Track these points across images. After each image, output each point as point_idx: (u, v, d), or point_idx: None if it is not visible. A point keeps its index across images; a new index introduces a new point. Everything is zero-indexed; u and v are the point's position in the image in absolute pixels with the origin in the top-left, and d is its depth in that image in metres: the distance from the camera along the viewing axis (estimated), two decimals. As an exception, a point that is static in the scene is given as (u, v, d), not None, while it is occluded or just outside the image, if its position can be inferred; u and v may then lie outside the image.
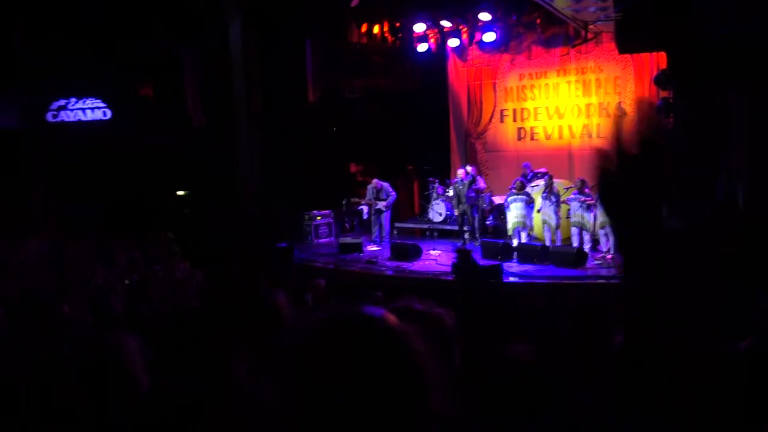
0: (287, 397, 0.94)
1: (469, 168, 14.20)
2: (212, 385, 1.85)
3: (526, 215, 12.64)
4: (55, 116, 15.20)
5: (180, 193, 15.96)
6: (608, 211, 1.44)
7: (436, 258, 12.78)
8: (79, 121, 15.16)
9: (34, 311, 5.54)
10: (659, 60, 12.59)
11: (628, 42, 11.19)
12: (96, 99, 15.09)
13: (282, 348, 0.99)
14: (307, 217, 14.77)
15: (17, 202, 15.17)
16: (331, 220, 15.09)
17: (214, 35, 14.49)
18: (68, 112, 15.18)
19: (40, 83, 14.95)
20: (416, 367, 0.96)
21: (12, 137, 15.25)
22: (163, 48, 14.40)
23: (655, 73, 12.67)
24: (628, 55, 13.59)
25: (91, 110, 15.13)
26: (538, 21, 15.14)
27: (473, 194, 13.44)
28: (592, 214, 12.01)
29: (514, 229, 12.82)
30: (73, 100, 15.12)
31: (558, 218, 12.43)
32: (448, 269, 11.50)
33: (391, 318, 1.01)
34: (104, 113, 15.14)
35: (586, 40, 14.41)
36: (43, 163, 15.87)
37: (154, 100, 14.94)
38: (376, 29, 16.79)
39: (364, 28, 16.72)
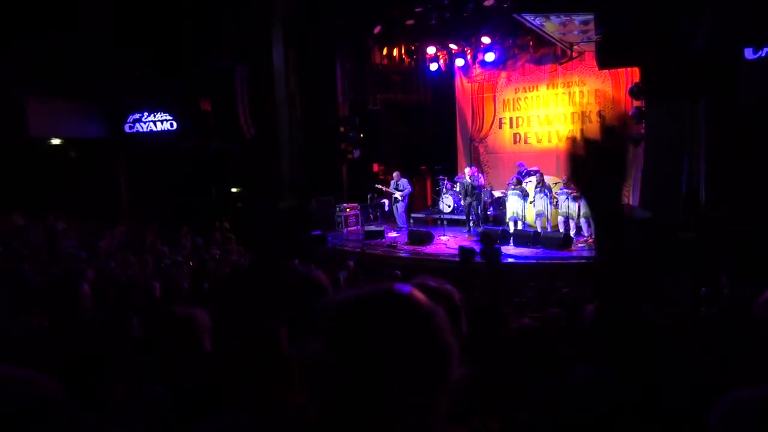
0: (328, 359, 0.92)
1: (473, 168, 14.27)
2: (263, 345, 1.87)
3: (521, 206, 12.66)
4: (131, 127, 15.37)
5: (234, 190, 16.09)
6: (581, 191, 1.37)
7: (446, 243, 12.80)
8: (151, 131, 15.31)
9: (116, 287, 5.64)
10: (633, 74, 12.47)
11: (607, 59, 11.11)
12: (165, 113, 15.23)
13: (323, 319, 0.96)
14: (338, 209, 14.86)
15: (104, 197, 15.41)
16: (358, 212, 15.15)
17: (261, 56, 14.56)
18: (142, 124, 15.33)
19: (119, 100, 15.13)
20: (440, 337, 0.94)
21: (99, 144, 15.49)
22: (219, 68, 14.48)
23: (629, 85, 12.57)
24: (606, 70, 13.47)
25: (161, 122, 15.27)
26: (531, 43, 15.07)
27: (477, 189, 13.55)
28: (577, 205, 11.98)
29: (511, 218, 12.84)
30: (146, 113, 15.28)
31: (551, 207, 12.44)
32: (456, 252, 11.52)
33: (420, 294, 0.99)
34: (171, 125, 15.28)
35: (571, 58, 14.32)
36: (123, 166, 16.10)
37: (213, 113, 15.02)
38: (395, 52, 16.79)
39: (385, 50, 16.72)
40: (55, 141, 15.24)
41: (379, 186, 15.06)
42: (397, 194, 14.24)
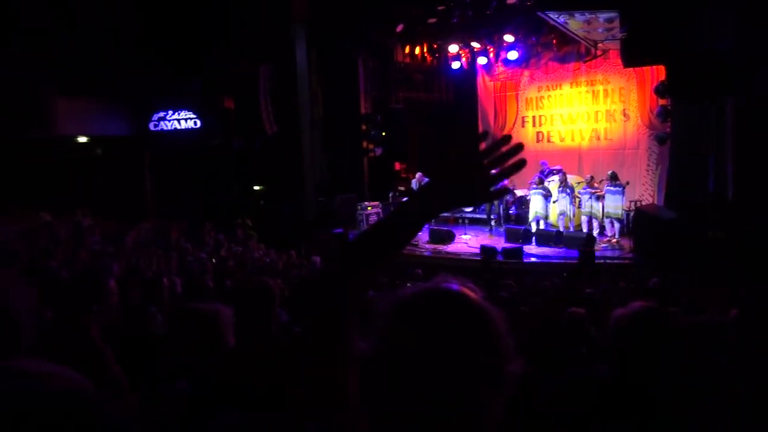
0: (383, 357, 0.92)
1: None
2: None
3: (544, 206, 12.55)
4: (156, 126, 15.54)
5: (256, 187, 16.19)
6: None
7: (467, 242, 12.75)
8: (175, 129, 15.45)
9: (141, 283, 5.69)
10: (659, 72, 12.31)
11: (632, 57, 10.98)
12: (188, 111, 15.37)
13: (380, 316, 0.95)
14: (359, 207, 14.88)
15: (129, 194, 15.62)
16: (380, 210, 15.15)
17: (283, 55, 14.62)
18: (166, 122, 15.49)
19: (145, 99, 15.30)
20: (496, 336, 0.93)
21: (124, 142, 15.69)
22: (242, 67, 14.57)
23: (655, 84, 12.40)
24: (631, 69, 13.31)
25: (185, 120, 15.41)
26: (555, 41, 14.94)
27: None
28: (600, 204, 11.86)
29: (534, 217, 12.74)
30: (170, 112, 15.43)
31: (573, 208, 12.31)
32: (477, 251, 11.50)
33: (472, 293, 0.98)
34: (195, 123, 15.41)
35: (595, 57, 14.16)
36: (148, 163, 16.29)
37: (235, 111, 15.13)
38: (417, 50, 16.76)
39: (407, 49, 16.70)
40: (82, 139, 15.46)
41: (402, 188, 15.10)
42: None
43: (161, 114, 15.51)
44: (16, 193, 13.18)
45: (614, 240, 11.72)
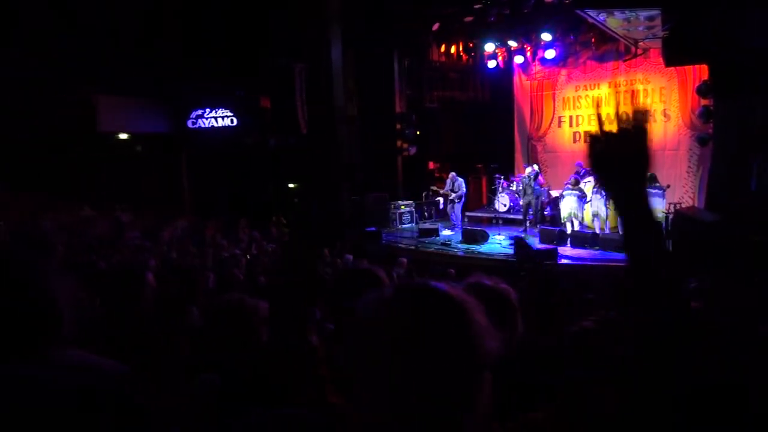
0: (361, 356, 0.96)
1: (535, 166, 14.06)
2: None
3: (577, 207, 12.38)
4: (194, 123, 15.81)
5: (291, 185, 16.34)
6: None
7: (500, 242, 12.65)
8: (212, 127, 15.71)
9: (177, 277, 5.80)
10: (701, 72, 12.01)
11: (674, 56, 10.74)
12: (225, 109, 15.61)
13: (361, 310, 0.99)
14: (392, 206, 14.89)
15: (167, 190, 15.93)
16: (413, 209, 15.15)
17: (319, 54, 14.72)
18: (204, 120, 15.76)
19: (183, 97, 15.60)
20: (471, 327, 0.95)
21: (163, 140, 16.02)
22: (278, 65, 14.73)
23: (696, 83, 12.10)
24: (672, 68, 13.01)
25: (222, 118, 15.65)
26: (593, 39, 14.70)
27: (537, 187, 13.37)
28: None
29: (566, 218, 12.58)
30: (207, 110, 15.69)
31: (608, 209, 12.09)
32: (511, 251, 11.39)
33: (452, 288, 1.00)
34: (232, 121, 15.64)
35: (635, 56, 13.89)
36: (185, 160, 16.60)
37: (271, 109, 15.30)
38: (453, 49, 16.68)
39: (442, 48, 16.63)
40: (122, 136, 15.84)
41: (435, 188, 15.08)
42: (453, 195, 14.16)
43: (199, 112, 15.78)
44: (59, 187, 13.58)
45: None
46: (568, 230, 12.39)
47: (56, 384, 0.87)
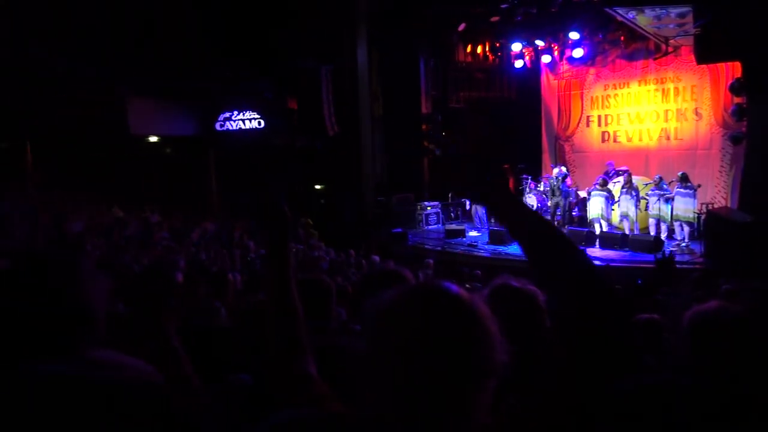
0: (372, 354, 0.96)
1: (563, 168, 13.91)
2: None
3: (605, 208, 12.21)
4: (222, 126, 15.98)
5: (317, 186, 16.42)
6: None
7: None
8: (240, 129, 15.86)
9: (206, 278, 5.86)
10: (734, 69, 11.75)
11: (706, 54, 10.54)
12: (253, 111, 15.74)
13: (375, 309, 0.99)
14: (419, 207, 14.87)
15: (195, 191, 16.15)
16: (439, 210, 15.11)
17: (345, 55, 14.77)
18: (232, 122, 15.92)
19: (212, 100, 15.79)
20: (480, 334, 0.95)
21: (192, 142, 16.24)
22: (305, 67, 14.82)
23: (729, 81, 11.85)
24: (704, 66, 12.75)
25: (249, 120, 15.79)
26: (622, 38, 14.47)
27: (565, 188, 13.23)
28: (669, 207, 11.43)
29: (594, 219, 12.43)
30: (235, 112, 15.85)
31: (637, 210, 11.90)
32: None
33: (467, 293, 1.00)
34: (259, 123, 15.77)
35: (666, 53, 13.65)
36: (214, 162, 16.80)
37: (298, 111, 15.40)
38: (479, 49, 16.59)
39: (468, 48, 16.56)
40: (153, 139, 16.09)
41: (457, 195, 15.07)
42: None
43: (227, 114, 15.95)
44: (91, 188, 13.85)
45: (684, 244, 11.28)
46: (597, 231, 12.23)
47: (94, 382, 0.89)
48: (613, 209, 12.23)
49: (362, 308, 1.03)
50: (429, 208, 14.96)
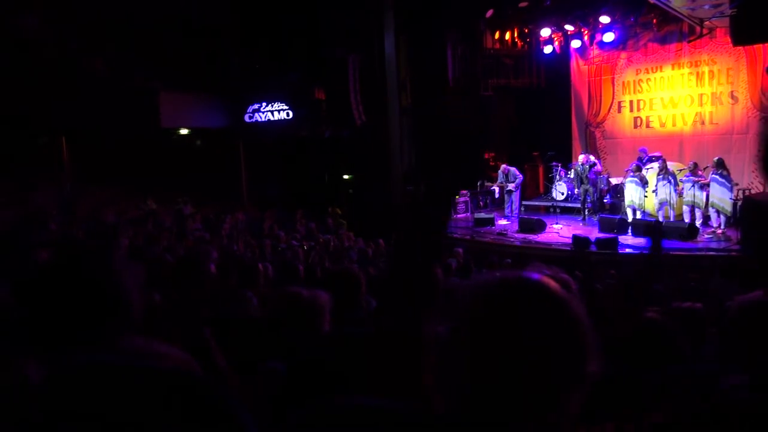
0: (461, 343, 0.90)
1: (591, 156, 13.70)
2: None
3: (639, 194, 11.98)
4: (250, 117, 16.09)
5: (346, 176, 16.45)
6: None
7: (558, 231, 12.39)
8: (269, 120, 15.94)
9: (237, 268, 5.93)
10: (773, 51, 11.41)
11: (742, 35, 10.23)
12: (281, 103, 15.80)
13: (459, 301, 0.94)
14: (447, 195, 14.79)
15: (226, 182, 16.33)
16: (468, 199, 15.01)
17: (373, 44, 14.72)
18: (260, 114, 16.01)
19: (240, 92, 15.90)
20: (577, 330, 0.90)
21: (221, 134, 16.40)
22: (333, 57, 14.82)
23: (767, 63, 11.50)
24: (740, 47, 12.38)
25: (278, 112, 15.86)
26: (655, 21, 14.14)
27: (593, 176, 13.01)
28: (704, 193, 11.16)
29: (629, 206, 12.21)
30: (264, 104, 15.93)
31: (676, 196, 11.62)
32: (569, 241, 11.16)
33: (552, 283, 0.94)
34: (287, 114, 15.83)
35: (700, 36, 13.30)
36: (243, 154, 16.96)
37: (326, 101, 15.41)
38: (507, 35, 16.36)
39: (497, 35, 16.35)
40: (183, 131, 16.30)
41: (488, 183, 14.95)
42: (510, 185, 13.95)
43: (256, 106, 16.05)
44: (125, 181, 14.11)
45: (720, 231, 11.02)
46: (629, 218, 12.02)
47: (126, 372, 0.90)
48: (646, 196, 12.00)
49: (448, 296, 0.98)
50: (458, 196, 14.89)
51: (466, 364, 0.89)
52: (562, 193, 14.47)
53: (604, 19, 14.28)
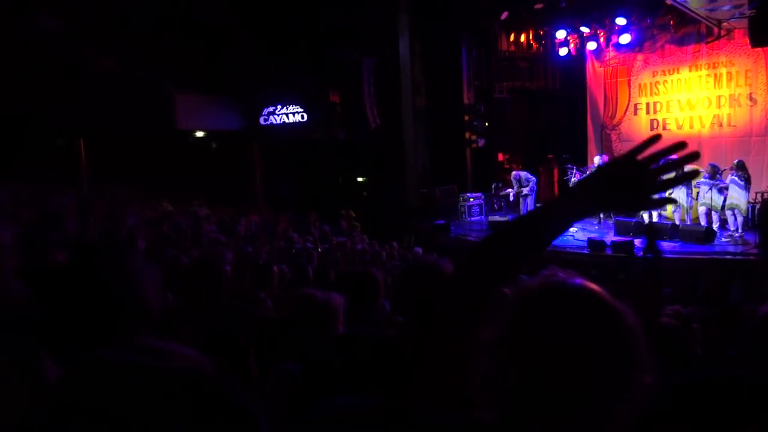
0: (506, 349, 0.88)
1: (606, 158, 13.61)
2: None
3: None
4: (265, 120, 16.15)
5: (360, 179, 16.47)
6: None
7: (573, 234, 12.30)
8: (284, 123, 15.99)
9: (252, 270, 5.95)
10: (792, 52, 11.27)
11: (762, 36, 10.12)
12: (296, 105, 15.85)
13: (507, 306, 0.92)
14: (461, 198, 14.76)
15: (240, 185, 16.41)
16: (482, 202, 14.97)
17: (387, 46, 14.73)
18: (275, 116, 16.06)
19: (255, 94, 15.98)
20: (627, 338, 0.87)
21: (237, 137, 16.49)
22: (347, 60, 14.85)
23: (787, 65, 11.37)
24: (759, 49, 12.24)
25: (293, 114, 15.91)
26: (672, 22, 14.01)
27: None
28: (722, 197, 11.03)
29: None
30: (279, 106, 15.98)
31: (691, 199, 11.51)
32: (585, 244, 11.09)
33: (603, 292, 0.92)
34: (302, 116, 15.87)
35: (719, 37, 13.17)
36: (258, 156, 17.03)
37: (340, 104, 15.44)
38: (522, 38, 16.33)
39: (512, 37, 16.31)
40: (199, 134, 16.41)
41: (502, 186, 14.92)
42: (525, 190, 13.88)
43: (270, 109, 16.11)
44: (141, 183, 14.23)
45: (737, 234, 10.89)
46: (645, 221, 11.92)
47: (143, 370, 0.90)
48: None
49: (499, 297, 0.97)
50: (472, 199, 14.85)
51: (513, 371, 0.87)
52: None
53: (621, 21, 14.19)
